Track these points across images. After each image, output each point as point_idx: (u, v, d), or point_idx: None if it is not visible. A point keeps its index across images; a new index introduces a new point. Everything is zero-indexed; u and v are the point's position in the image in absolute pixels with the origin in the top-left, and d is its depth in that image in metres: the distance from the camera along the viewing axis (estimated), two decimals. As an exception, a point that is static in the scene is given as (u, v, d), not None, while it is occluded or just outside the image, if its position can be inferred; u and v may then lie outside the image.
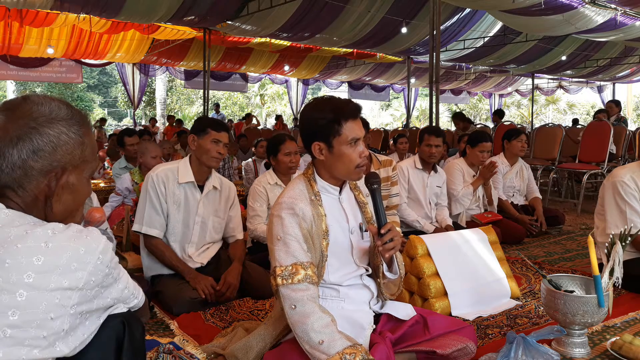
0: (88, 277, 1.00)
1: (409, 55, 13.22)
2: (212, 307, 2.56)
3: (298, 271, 1.64)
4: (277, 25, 9.41)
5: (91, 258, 1.01)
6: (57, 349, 0.98)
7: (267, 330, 1.82)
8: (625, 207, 2.74)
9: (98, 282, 1.03)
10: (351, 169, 1.74)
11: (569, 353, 2.01)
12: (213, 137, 2.63)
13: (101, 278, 1.04)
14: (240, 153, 8.58)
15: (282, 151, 3.29)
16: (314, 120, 1.73)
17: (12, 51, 12.02)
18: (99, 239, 1.05)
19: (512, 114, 30.01)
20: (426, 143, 3.81)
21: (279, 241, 1.69)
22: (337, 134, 1.70)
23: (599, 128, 6.09)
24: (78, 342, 1.03)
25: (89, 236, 1.04)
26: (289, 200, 1.72)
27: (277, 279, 1.66)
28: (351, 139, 1.70)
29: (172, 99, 27.92)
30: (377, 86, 19.78)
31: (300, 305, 1.60)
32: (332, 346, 1.53)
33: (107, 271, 1.05)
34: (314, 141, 1.74)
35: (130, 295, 1.20)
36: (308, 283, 1.64)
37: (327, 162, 1.76)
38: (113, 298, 1.12)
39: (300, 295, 1.61)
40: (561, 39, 11.80)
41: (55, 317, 0.97)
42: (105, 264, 1.04)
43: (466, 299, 2.53)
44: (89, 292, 1.02)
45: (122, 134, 5.02)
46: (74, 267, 0.99)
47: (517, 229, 4.14)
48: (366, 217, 1.85)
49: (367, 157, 1.76)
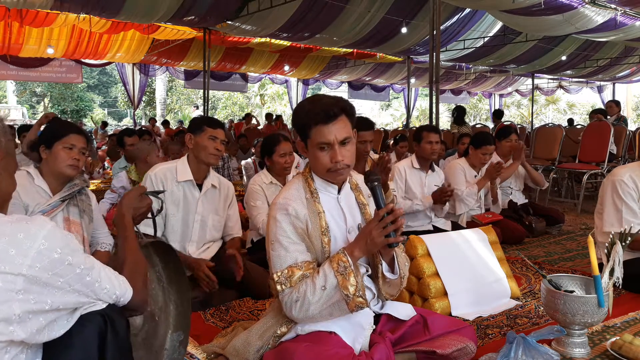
0: (31, 263, 1.00)
1: (409, 55, 13.22)
2: (212, 307, 2.56)
3: (294, 273, 1.66)
4: (277, 25, 9.40)
5: (32, 243, 1.00)
6: (13, 332, 0.99)
7: (266, 326, 1.82)
8: (622, 206, 2.73)
9: (47, 268, 1.02)
10: (323, 171, 1.74)
11: (569, 353, 2.01)
12: (210, 134, 2.66)
13: (49, 264, 1.02)
14: (240, 153, 8.58)
15: (277, 152, 3.30)
16: (295, 118, 1.77)
17: (12, 51, 12.02)
18: (43, 225, 1.04)
19: (512, 114, 30.01)
20: (426, 140, 3.79)
21: (274, 244, 1.71)
22: (308, 137, 1.71)
23: (599, 128, 6.09)
24: (35, 328, 1.02)
25: (29, 222, 1.03)
26: (283, 201, 1.74)
27: (277, 285, 1.68)
28: (318, 143, 1.68)
29: (172, 99, 27.93)
30: (377, 86, 19.77)
31: (296, 296, 1.64)
32: (329, 278, 1.62)
33: (58, 257, 1.04)
34: (298, 138, 1.77)
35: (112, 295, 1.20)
36: (304, 279, 1.66)
37: (309, 160, 1.79)
38: (81, 291, 1.10)
39: (296, 291, 1.64)
40: (561, 39, 11.80)
41: (0, 302, 0.97)
42: (53, 249, 1.03)
43: (466, 299, 2.53)
44: (37, 279, 1.01)
45: (121, 134, 5.03)
46: (13, 252, 0.98)
47: (517, 229, 4.14)
48: (365, 217, 1.85)
49: (344, 164, 1.69)
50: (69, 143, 2.32)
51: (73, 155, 2.32)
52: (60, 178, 2.35)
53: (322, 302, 1.62)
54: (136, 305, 1.31)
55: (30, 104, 27.34)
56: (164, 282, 1.71)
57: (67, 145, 2.32)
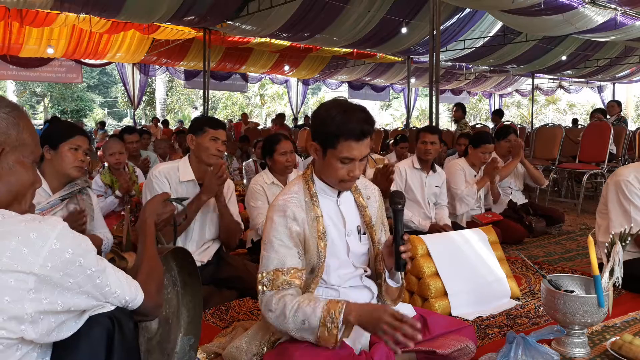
0: (43, 262, 1.00)
1: (409, 55, 13.21)
2: (212, 307, 2.56)
3: (278, 277, 1.66)
4: (277, 25, 9.40)
5: (44, 243, 1.01)
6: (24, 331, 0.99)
7: (260, 332, 1.83)
8: (630, 207, 2.74)
9: (58, 268, 1.02)
10: (335, 181, 1.74)
11: (569, 353, 2.01)
12: (211, 135, 2.66)
13: (61, 264, 1.02)
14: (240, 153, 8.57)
15: (277, 151, 3.30)
16: (320, 123, 1.71)
17: (12, 51, 12.02)
18: (55, 225, 1.04)
19: (512, 114, 30.01)
20: (421, 140, 3.81)
21: (266, 244, 1.72)
22: (332, 147, 1.67)
23: (599, 128, 6.09)
24: (46, 329, 1.03)
25: (42, 222, 1.04)
26: (282, 203, 1.74)
27: (258, 286, 1.68)
28: (343, 157, 1.67)
29: (172, 99, 27.92)
30: (377, 86, 19.78)
31: (274, 305, 1.62)
32: (312, 319, 1.56)
33: (70, 258, 1.04)
34: (314, 140, 1.74)
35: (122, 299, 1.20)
36: (287, 286, 1.65)
37: (318, 164, 1.78)
38: (90, 293, 1.10)
39: (277, 298, 1.63)
40: (561, 39, 11.80)
41: (12, 301, 0.97)
42: (65, 250, 1.03)
43: (466, 299, 2.53)
44: (48, 279, 1.01)
45: (122, 131, 5.02)
46: (25, 251, 0.98)
47: (517, 229, 4.14)
48: (365, 220, 1.85)
49: (356, 177, 1.71)
50: (75, 144, 2.33)
51: (79, 156, 2.34)
52: (64, 178, 2.36)
53: (297, 327, 1.60)
54: (148, 310, 1.31)
55: (30, 104, 27.33)
56: (178, 287, 1.72)
57: (73, 146, 2.33)
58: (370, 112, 1.73)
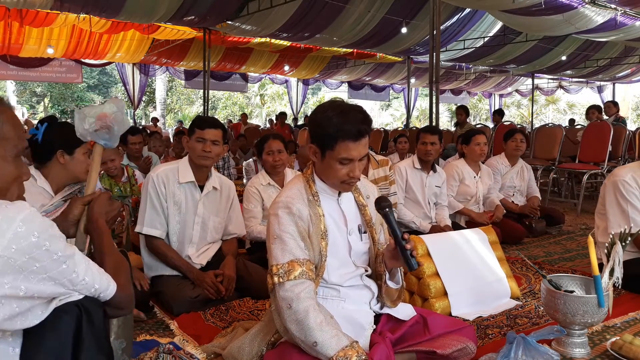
0: (7, 244, 1.00)
1: (409, 55, 13.22)
2: (212, 307, 2.56)
3: (295, 268, 1.64)
4: (277, 25, 9.40)
5: (8, 225, 1.01)
6: None
7: (261, 333, 1.82)
8: (627, 207, 2.74)
9: (24, 251, 1.02)
10: (336, 183, 1.74)
11: (569, 353, 2.01)
12: (197, 135, 2.65)
13: (27, 247, 1.03)
14: (240, 153, 8.59)
15: (265, 150, 3.27)
16: (317, 125, 1.72)
17: (12, 51, 12.01)
18: (22, 209, 1.05)
19: (512, 114, 30.01)
20: (421, 141, 3.82)
21: (275, 239, 1.69)
22: (330, 148, 1.68)
23: (599, 128, 6.09)
24: (8, 314, 1.03)
25: (9, 206, 1.04)
26: (286, 200, 1.73)
27: (273, 278, 1.65)
28: (342, 158, 1.67)
29: (172, 99, 27.92)
30: (377, 86, 19.77)
31: (296, 304, 1.60)
32: (326, 348, 1.53)
33: (35, 241, 1.04)
34: (312, 143, 1.74)
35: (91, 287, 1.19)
36: (305, 279, 1.63)
37: (317, 166, 1.78)
38: (56, 280, 1.10)
39: (297, 293, 1.61)
40: (561, 39, 11.80)
41: None
42: (30, 233, 1.03)
43: (466, 299, 2.53)
44: (12, 261, 1.01)
45: (126, 132, 4.99)
46: None
47: (517, 229, 4.14)
48: (365, 219, 1.85)
49: (356, 177, 1.71)
50: (87, 148, 2.31)
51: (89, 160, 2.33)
52: (71, 181, 2.35)
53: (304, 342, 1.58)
54: (121, 301, 1.30)
55: (30, 104, 27.33)
56: None
57: (87, 150, 2.31)
58: (367, 112, 1.73)
